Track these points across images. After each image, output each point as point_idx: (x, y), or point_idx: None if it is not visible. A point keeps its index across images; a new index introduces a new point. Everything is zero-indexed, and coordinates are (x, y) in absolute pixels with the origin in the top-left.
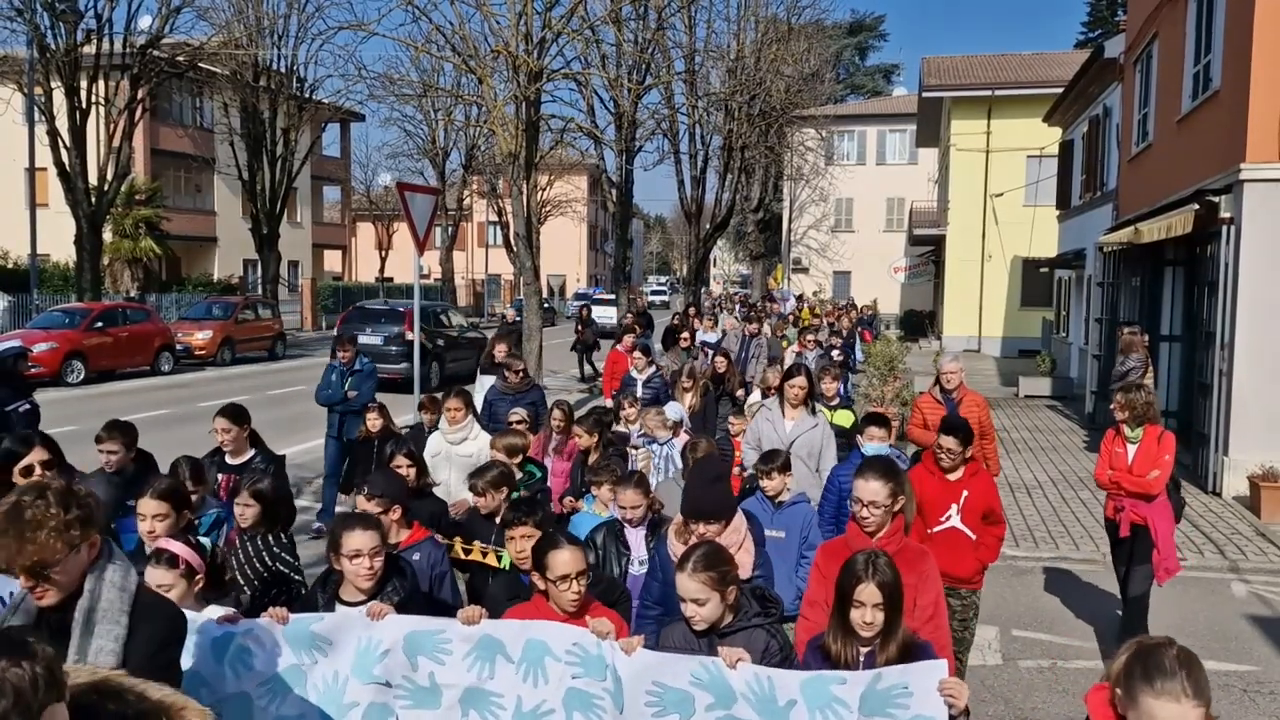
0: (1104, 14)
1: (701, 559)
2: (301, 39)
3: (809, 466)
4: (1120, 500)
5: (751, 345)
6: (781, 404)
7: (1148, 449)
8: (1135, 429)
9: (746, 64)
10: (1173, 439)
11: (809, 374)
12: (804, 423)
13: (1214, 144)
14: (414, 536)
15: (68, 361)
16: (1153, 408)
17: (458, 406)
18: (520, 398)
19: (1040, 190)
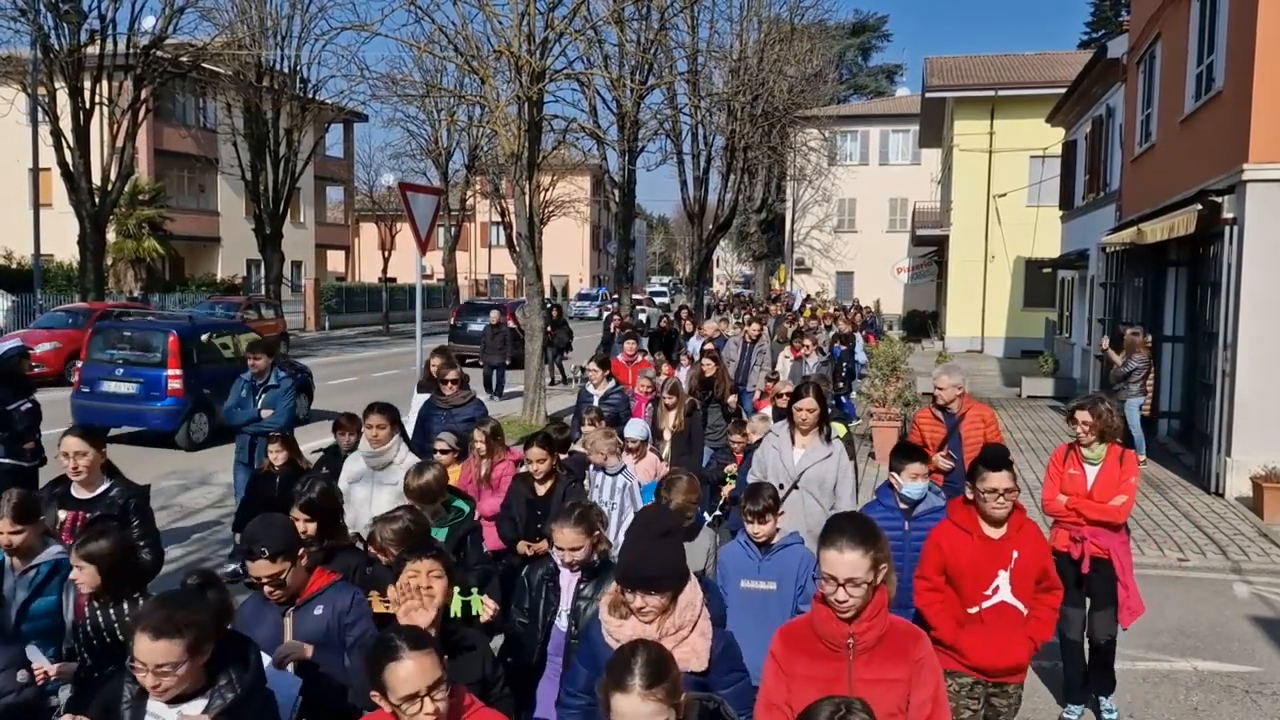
0: (1107, 14)
1: (647, 672)
2: (304, 39)
3: (822, 503)
4: (1079, 530)
5: (753, 353)
6: (791, 429)
7: (1109, 471)
8: (1097, 448)
9: (749, 64)
10: (1135, 459)
11: (820, 393)
12: (816, 451)
13: (1217, 144)
14: (316, 583)
15: (71, 361)
16: (1118, 421)
17: (380, 424)
18: (455, 414)
19: (1043, 190)
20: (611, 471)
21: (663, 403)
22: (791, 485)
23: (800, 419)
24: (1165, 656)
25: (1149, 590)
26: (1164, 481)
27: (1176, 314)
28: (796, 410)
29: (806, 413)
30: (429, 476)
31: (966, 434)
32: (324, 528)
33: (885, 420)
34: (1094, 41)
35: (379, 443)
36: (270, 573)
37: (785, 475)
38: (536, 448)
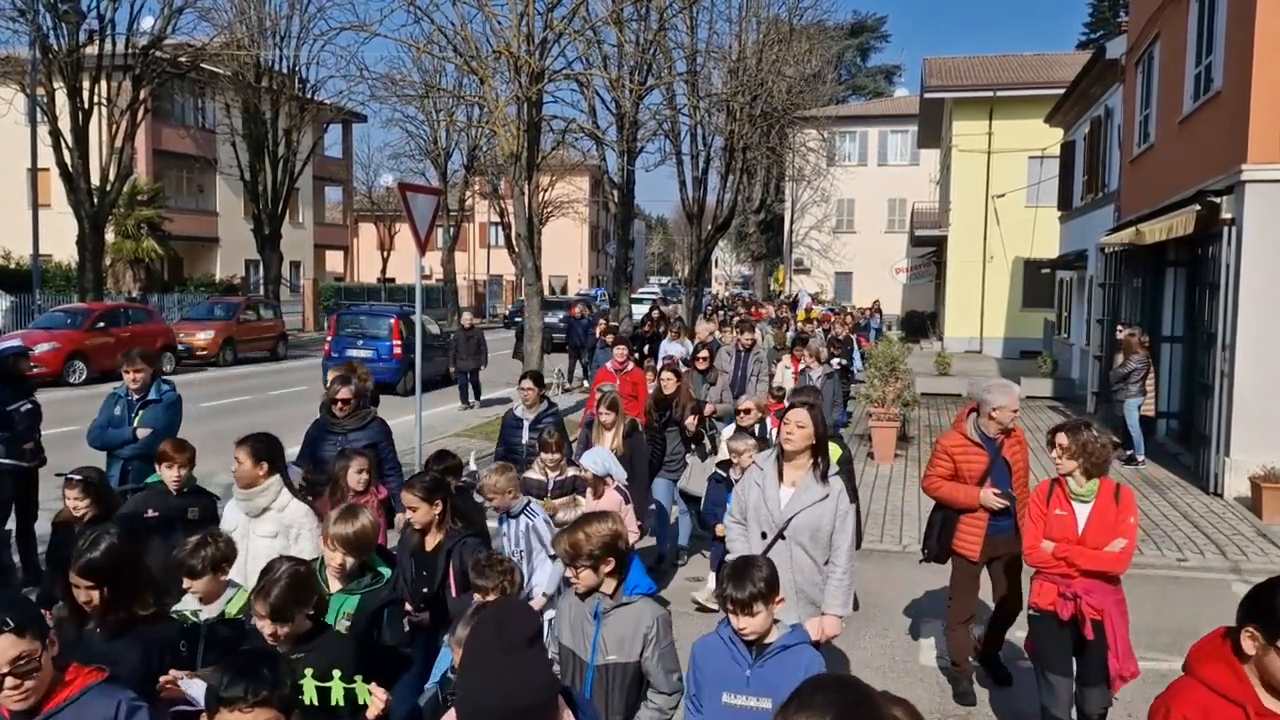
0: (1106, 15)
1: None
2: (303, 40)
3: (814, 557)
4: (1069, 585)
5: (749, 362)
6: (779, 461)
7: (1104, 511)
8: (1087, 483)
9: (748, 65)
10: (1133, 497)
11: (816, 412)
12: (808, 491)
13: (1215, 145)
14: (72, 686)
15: (70, 362)
16: (1109, 452)
17: (243, 458)
18: (350, 439)
19: (1042, 191)
20: (515, 511)
21: (597, 422)
22: (776, 534)
23: (786, 439)
24: (1165, 656)
25: (1149, 590)
26: (1163, 482)
27: (1175, 314)
28: (784, 432)
29: (794, 429)
30: (364, 522)
31: (1014, 460)
32: (117, 596)
33: (884, 420)
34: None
35: (249, 484)
36: (13, 655)
37: (769, 521)
38: (408, 493)
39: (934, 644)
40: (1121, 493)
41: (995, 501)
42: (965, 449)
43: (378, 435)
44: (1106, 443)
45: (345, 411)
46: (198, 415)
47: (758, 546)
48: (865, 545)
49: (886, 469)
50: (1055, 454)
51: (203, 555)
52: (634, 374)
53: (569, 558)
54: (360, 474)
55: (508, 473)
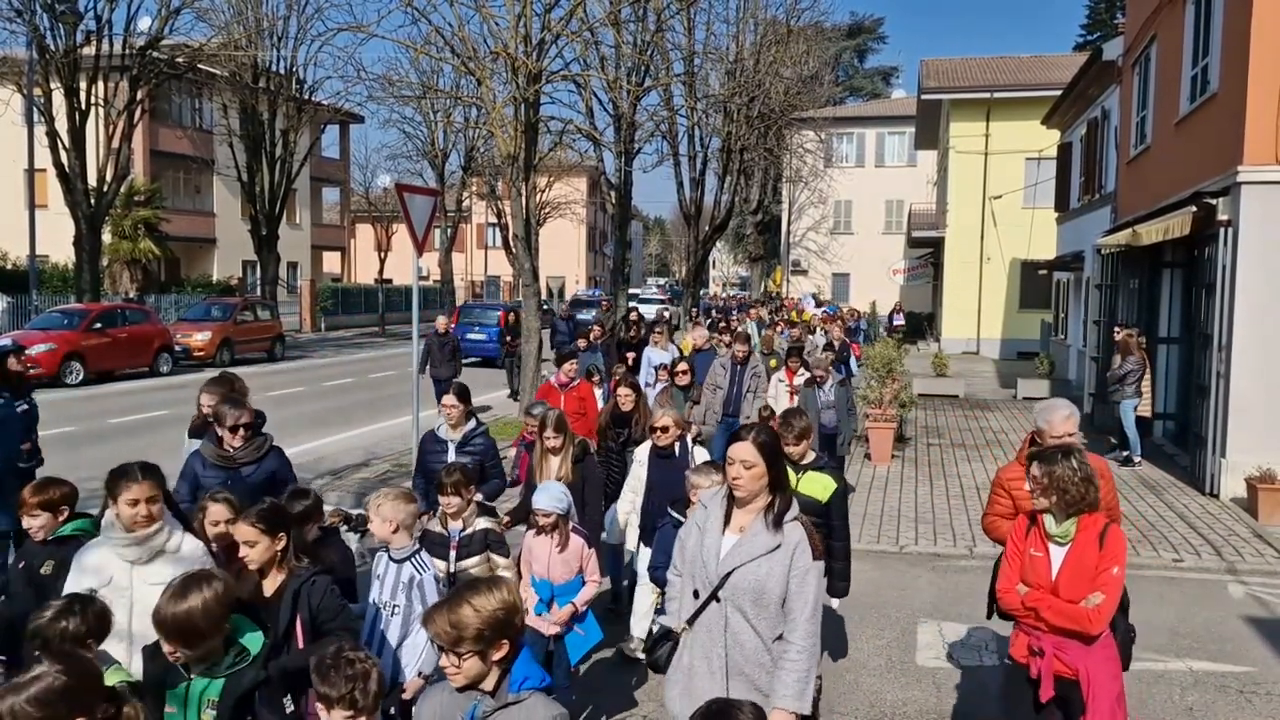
0: (1103, 16)
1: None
2: (301, 40)
3: (758, 629)
4: (1039, 639)
5: (745, 376)
6: (729, 501)
7: (1082, 557)
8: (1063, 521)
9: (746, 66)
10: (1123, 539)
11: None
12: (754, 540)
13: (1212, 146)
14: None
15: (66, 362)
16: (1093, 486)
17: (135, 497)
18: (244, 475)
19: (1039, 192)
20: (397, 556)
21: (542, 445)
22: (710, 594)
23: (734, 484)
24: (1160, 657)
25: (1144, 590)
26: (1159, 482)
27: (1172, 315)
28: (730, 474)
29: (740, 471)
30: (195, 602)
31: None
32: None
33: (881, 421)
34: (1089, 44)
35: (136, 525)
36: None
37: (704, 575)
38: (244, 525)
39: (930, 644)
40: (1109, 536)
41: None
42: (1024, 482)
43: (276, 471)
44: (1090, 475)
45: (241, 442)
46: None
47: (688, 609)
48: (863, 546)
49: (884, 470)
50: (1029, 486)
51: (61, 628)
52: (581, 388)
53: (449, 640)
54: (217, 526)
55: (407, 504)
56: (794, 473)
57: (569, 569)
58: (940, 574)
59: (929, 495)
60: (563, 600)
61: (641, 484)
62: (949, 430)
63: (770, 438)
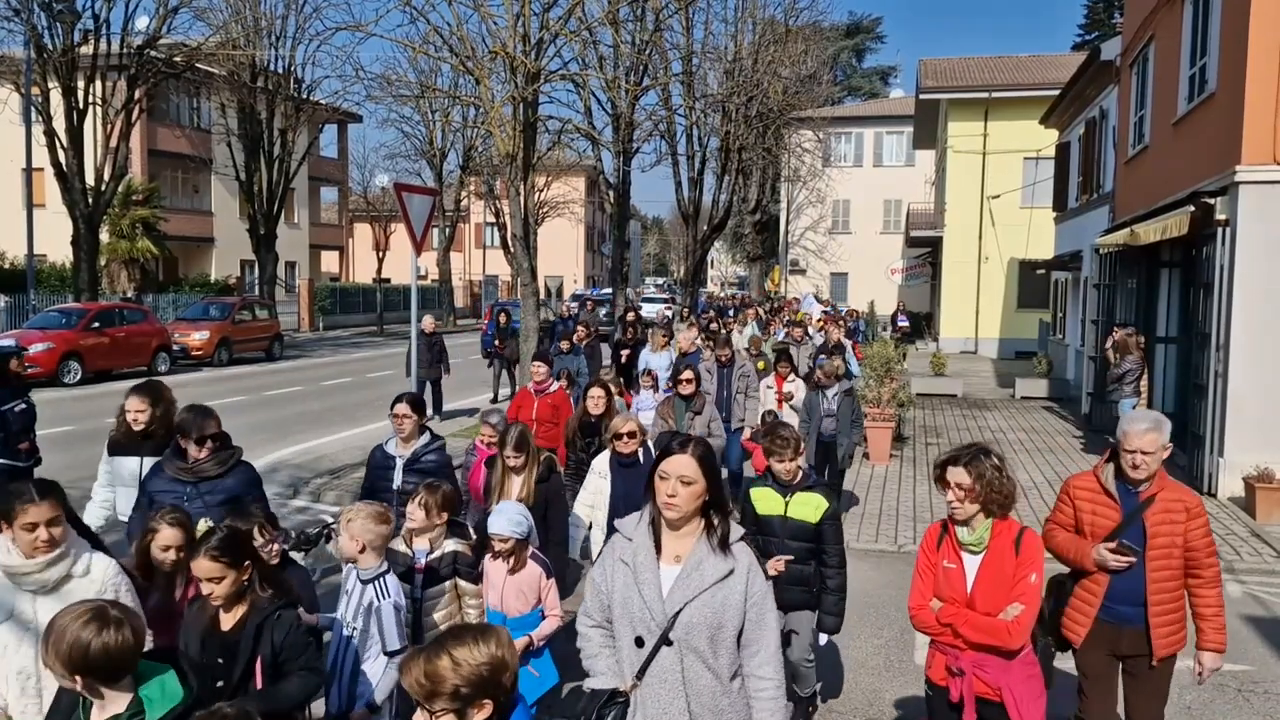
0: (1101, 16)
1: None
2: (299, 40)
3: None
4: (957, 658)
5: (733, 378)
6: (656, 527)
7: (997, 565)
8: (978, 526)
9: (744, 65)
10: (1039, 543)
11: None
12: (700, 568)
13: (1210, 146)
14: None
15: (64, 362)
16: (1010, 486)
17: (33, 521)
18: (207, 490)
19: (1037, 192)
20: (364, 576)
21: (502, 462)
22: (659, 639)
23: (666, 504)
24: None
25: None
26: None
27: (1170, 315)
28: (664, 491)
29: (677, 487)
30: (106, 639)
31: (1155, 529)
32: None
33: (880, 421)
34: (1087, 43)
35: (35, 550)
36: None
37: (645, 619)
38: (205, 562)
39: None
40: (1024, 541)
41: (1113, 559)
42: (1094, 497)
43: (243, 486)
44: (1006, 478)
45: (204, 454)
46: None
47: (632, 661)
48: (861, 545)
49: (882, 469)
50: (950, 498)
51: None
52: (557, 396)
53: (422, 693)
54: (168, 551)
55: (378, 524)
56: (781, 496)
57: (525, 601)
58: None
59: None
60: (517, 636)
61: (604, 498)
62: (947, 430)
63: (709, 451)
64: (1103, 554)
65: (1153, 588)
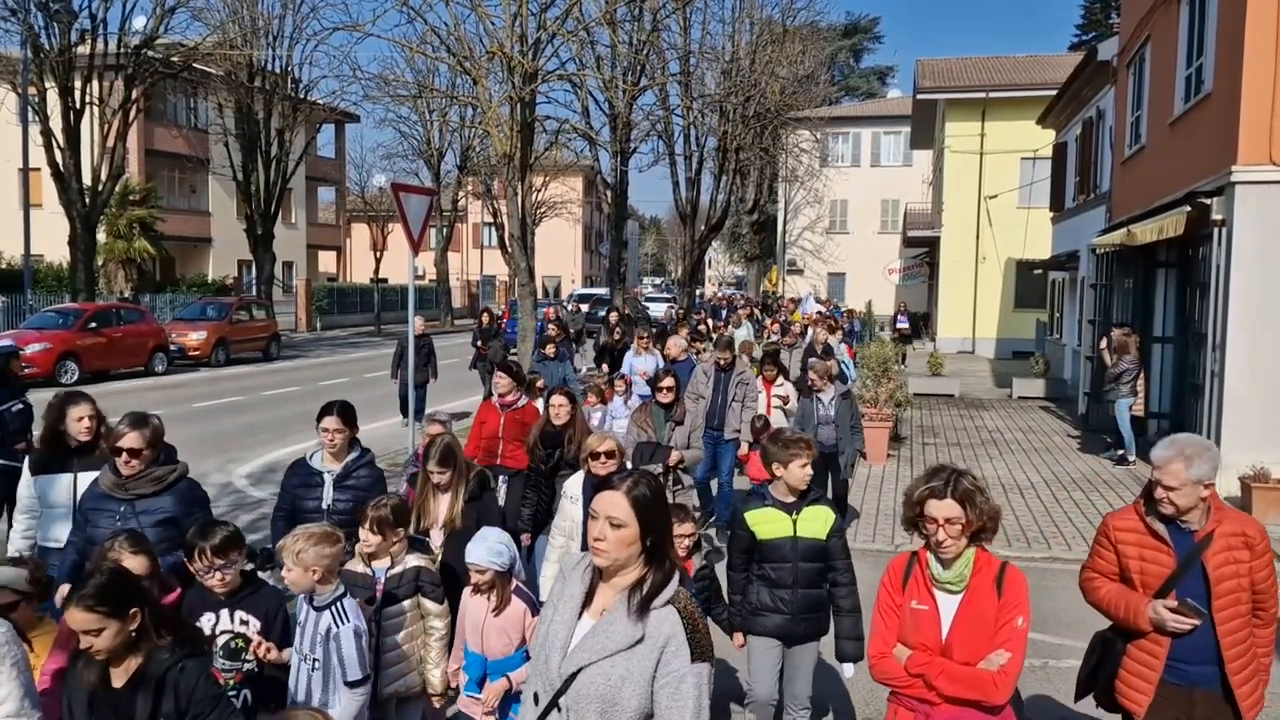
0: (1098, 17)
1: None
2: (296, 40)
3: None
4: (928, 714)
5: (731, 384)
6: (592, 575)
7: (978, 606)
8: (954, 563)
9: (741, 65)
10: (1024, 582)
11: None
12: (608, 630)
13: (1206, 146)
14: None
15: (61, 362)
16: (996, 504)
17: None
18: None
19: (1034, 192)
20: (319, 603)
21: (425, 478)
22: (550, 701)
23: (594, 547)
24: None
25: None
26: None
27: (1166, 315)
28: (591, 533)
29: (604, 528)
30: None
31: (1218, 573)
32: None
33: (877, 421)
34: (1084, 44)
35: None
36: None
37: (544, 673)
38: (77, 612)
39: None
40: (1008, 579)
41: (1173, 620)
42: (1140, 539)
43: (181, 506)
44: (991, 504)
45: (135, 469)
46: (189, 416)
47: (528, 717)
48: (858, 545)
49: (879, 469)
50: (934, 530)
51: None
52: (527, 411)
53: None
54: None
55: (331, 545)
56: (787, 514)
57: (507, 640)
58: None
59: None
60: (496, 678)
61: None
62: (944, 429)
63: (652, 491)
64: (1161, 614)
65: (1226, 640)
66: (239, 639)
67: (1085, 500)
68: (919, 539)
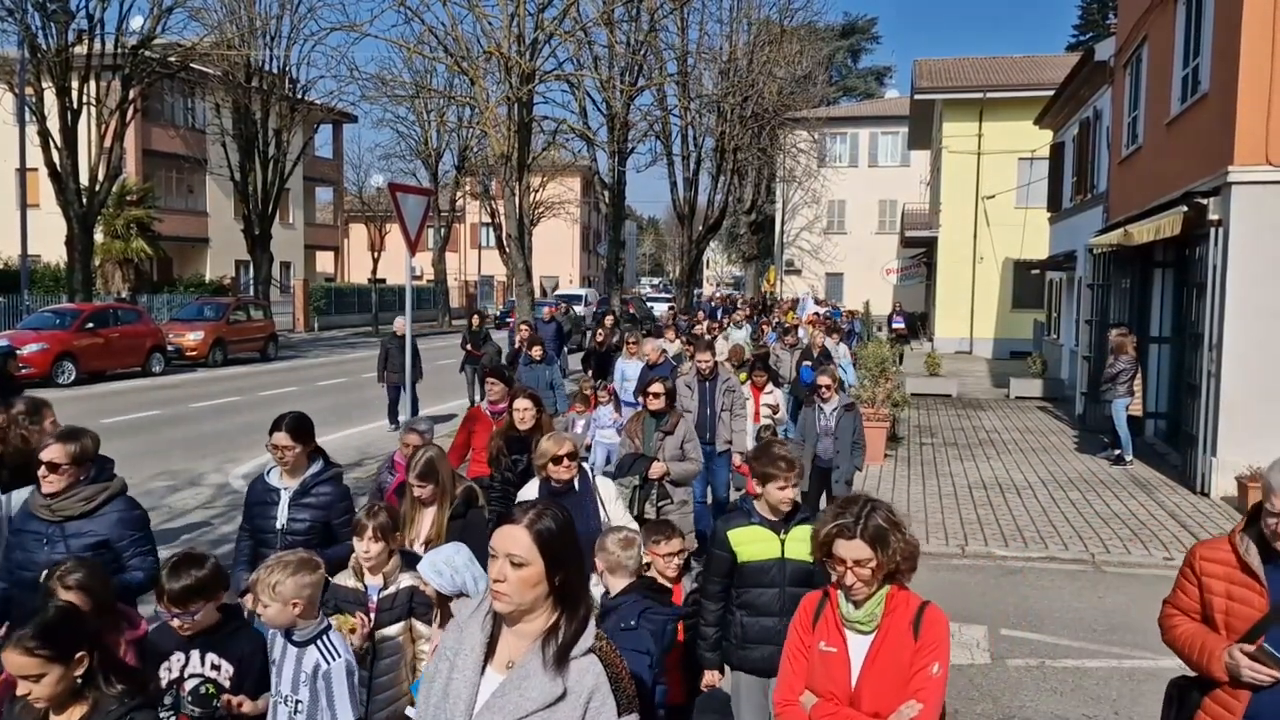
0: (1095, 17)
1: None
2: (294, 40)
3: None
4: None
5: (717, 393)
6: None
7: (893, 647)
8: (865, 602)
9: (739, 66)
10: (945, 623)
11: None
12: (523, 686)
13: (1202, 146)
14: None
15: (58, 362)
16: (914, 541)
17: None
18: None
19: (1031, 192)
20: (301, 638)
21: (410, 496)
22: None
23: (494, 590)
24: (1151, 655)
25: (1137, 589)
26: (1150, 481)
27: (1163, 315)
28: (491, 573)
29: (504, 569)
30: None
31: None
32: None
33: (874, 421)
34: (1082, 44)
35: None
36: None
37: None
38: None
39: None
40: (926, 620)
41: (1249, 669)
42: (1230, 574)
43: (115, 528)
44: (912, 536)
45: (55, 486)
46: (186, 417)
47: None
48: None
49: (876, 469)
50: (850, 581)
51: None
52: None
53: None
54: None
55: (311, 573)
56: (775, 534)
57: None
58: (932, 572)
59: (921, 494)
60: None
61: None
62: (942, 429)
63: (558, 524)
64: (1235, 658)
65: None
66: (209, 684)
67: (1082, 500)
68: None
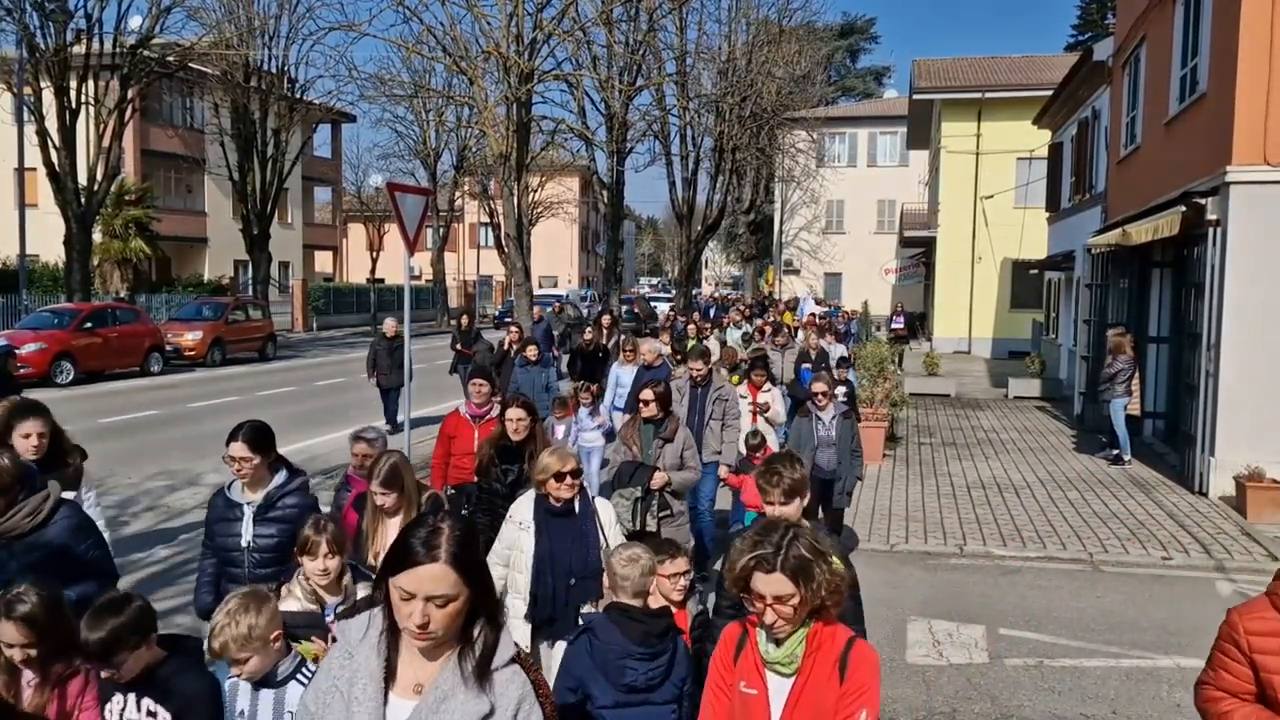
0: (1094, 17)
1: None
2: (292, 39)
3: None
4: None
5: (709, 402)
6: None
7: (816, 690)
8: (787, 640)
9: (738, 66)
10: (873, 663)
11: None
12: (446, 705)
13: (1201, 146)
14: None
15: (57, 362)
16: (841, 574)
17: None
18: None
19: (1030, 192)
20: (283, 672)
21: (372, 505)
22: None
23: (414, 632)
24: (1149, 654)
25: (1134, 589)
26: (1149, 481)
27: (1161, 315)
28: (402, 609)
29: (429, 610)
30: None
31: None
32: None
33: (873, 421)
34: (1080, 44)
35: None
36: None
37: None
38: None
39: (920, 642)
40: (853, 659)
41: None
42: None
43: (67, 535)
44: (842, 570)
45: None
46: (184, 417)
47: None
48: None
49: (875, 468)
50: (770, 619)
51: None
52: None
53: None
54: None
55: (265, 601)
56: None
57: None
58: (930, 572)
59: (919, 494)
60: None
61: (524, 557)
62: (940, 429)
63: (466, 546)
64: None
65: None
66: None
67: (1080, 500)
68: None
